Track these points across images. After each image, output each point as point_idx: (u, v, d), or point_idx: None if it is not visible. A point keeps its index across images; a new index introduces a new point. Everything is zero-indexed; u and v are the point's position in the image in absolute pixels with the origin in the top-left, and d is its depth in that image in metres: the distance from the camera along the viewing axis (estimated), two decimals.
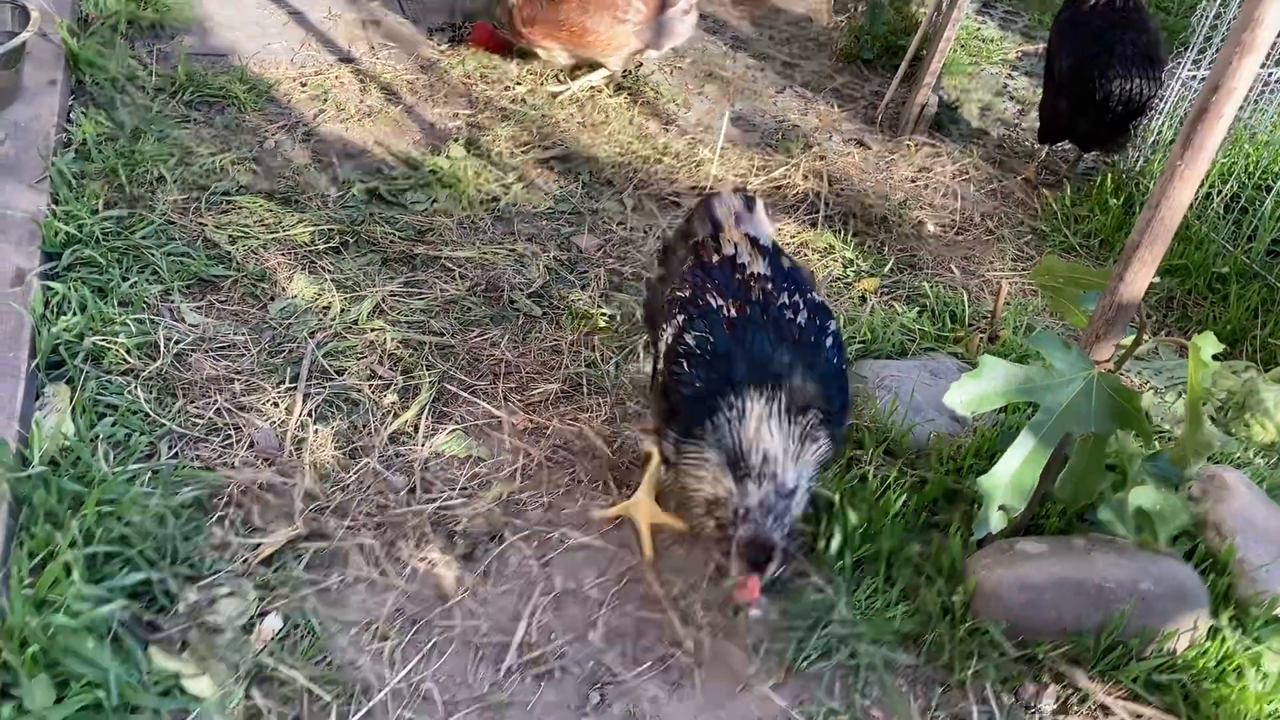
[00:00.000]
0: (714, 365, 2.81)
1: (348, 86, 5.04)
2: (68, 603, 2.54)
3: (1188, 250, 4.84)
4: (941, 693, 2.94)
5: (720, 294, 2.92)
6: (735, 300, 2.90)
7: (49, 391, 3.17)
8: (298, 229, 4.06)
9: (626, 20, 5.10)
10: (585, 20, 5.07)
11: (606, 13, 5.07)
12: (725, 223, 3.10)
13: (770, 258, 3.05)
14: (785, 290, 2.94)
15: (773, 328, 2.84)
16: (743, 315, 2.86)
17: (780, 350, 2.78)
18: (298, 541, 2.99)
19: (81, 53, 4.57)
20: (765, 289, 2.93)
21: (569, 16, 5.08)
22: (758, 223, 3.12)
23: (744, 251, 3.03)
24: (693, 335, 2.87)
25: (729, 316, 2.86)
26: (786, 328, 2.85)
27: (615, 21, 5.08)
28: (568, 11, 5.07)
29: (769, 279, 2.97)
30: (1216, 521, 3.37)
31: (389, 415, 3.42)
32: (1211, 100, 2.47)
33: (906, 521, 3.31)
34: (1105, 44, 4.95)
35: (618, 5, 5.06)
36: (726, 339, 2.83)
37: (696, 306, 2.93)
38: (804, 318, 2.90)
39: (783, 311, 2.88)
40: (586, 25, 5.08)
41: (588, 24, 5.08)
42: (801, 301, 2.93)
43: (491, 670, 2.80)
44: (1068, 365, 2.79)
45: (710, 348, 2.84)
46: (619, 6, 5.07)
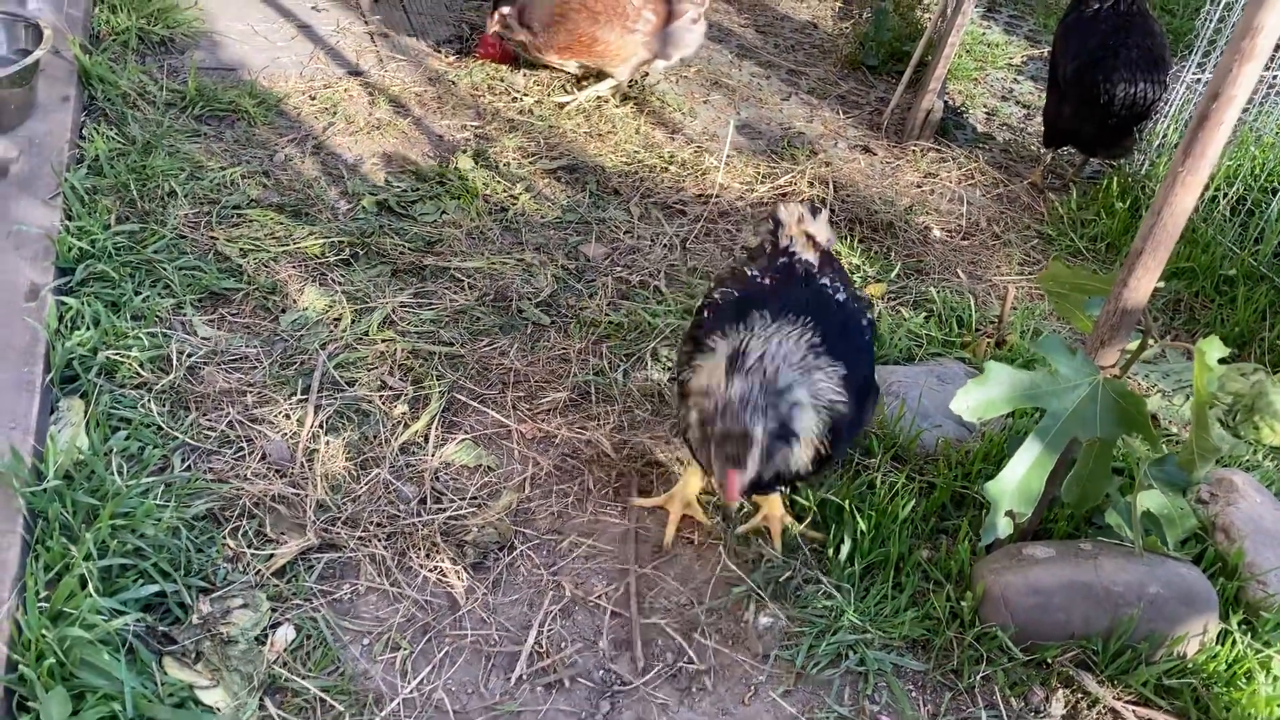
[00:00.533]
0: (739, 306, 2.87)
1: (356, 99, 5.08)
2: (83, 615, 2.57)
3: (1194, 253, 4.84)
4: (950, 698, 2.95)
5: (761, 270, 3.03)
6: (774, 275, 3.00)
7: (63, 406, 3.20)
8: (308, 241, 4.09)
9: (636, 30, 5.13)
10: (596, 30, 5.10)
11: (617, 22, 5.10)
12: (788, 221, 3.18)
13: (824, 254, 3.15)
14: (828, 276, 3.04)
15: (812, 296, 2.91)
16: (777, 284, 2.96)
17: (814, 308, 2.82)
18: (310, 552, 3.02)
19: (94, 69, 4.62)
20: (809, 270, 3.04)
21: (579, 26, 5.11)
22: (819, 225, 3.20)
23: (799, 243, 3.12)
24: (720, 292, 3.00)
25: (763, 284, 2.97)
26: (825, 299, 2.94)
27: (625, 31, 5.11)
28: (578, 22, 5.10)
29: (814, 265, 3.07)
30: (1226, 525, 3.37)
31: (399, 426, 3.44)
32: (1212, 108, 2.48)
33: (915, 527, 3.33)
34: (1110, 48, 4.95)
35: (628, 15, 5.09)
36: (757, 291, 2.93)
37: (733, 276, 3.08)
38: (842, 296, 3.00)
39: (823, 288, 2.98)
40: (597, 35, 5.11)
41: (598, 34, 5.11)
42: (843, 287, 3.04)
43: (503, 679, 2.82)
44: (1073, 371, 2.80)
45: (736, 297, 2.93)
46: (629, 16, 5.10)
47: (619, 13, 5.09)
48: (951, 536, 3.33)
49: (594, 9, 5.09)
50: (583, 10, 5.10)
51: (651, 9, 5.14)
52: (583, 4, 5.10)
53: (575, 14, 5.10)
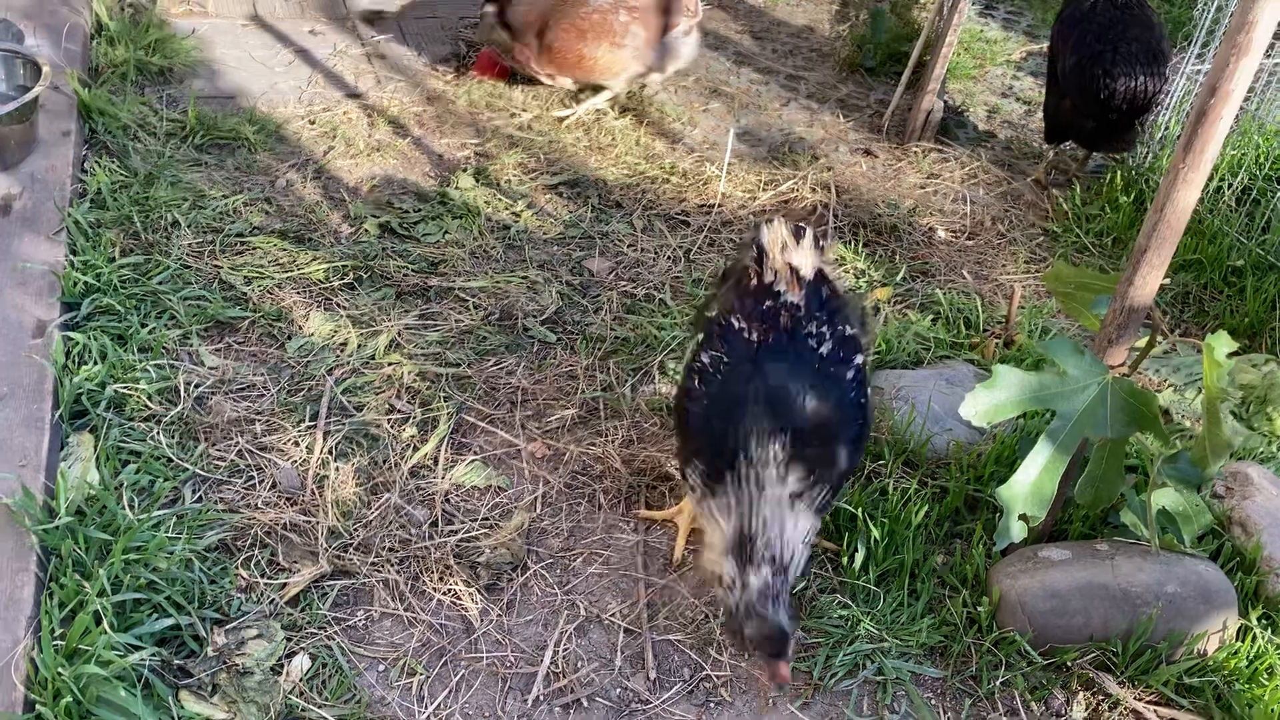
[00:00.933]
0: (724, 385, 2.83)
1: (355, 122, 5.09)
2: (98, 652, 2.57)
3: (1201, 245, 4.81)
4: (970, 705, 2.93)
5: (746, 318, 2.93)
6: (760, 325, 2.91)
7: (73, 441, 3.21)
8: (312, 267, 4.10)
9: (625, 45, 5.13)
10: (582, 48, 5.11)
11: (604, 39, 5.10)
12: (771, 250, 3.07)
13: (808, 288, 3.01)
14: (815, 320, 2.93)
15: (793, 354, 2.85)
16: (764, 341, 2.87)
17: (795, 379, 2.78)
18: (323, 580, 3.02)
19: (93, 102, 4.64)
20: (795, 317, 2.92)
21: (566, 44, 5.12)
22: (803, 253, 3.07)
23: (782, 280, 3.00)
24: (709, 354, 2.91)
25: (749, 339, 2.88)
26: (807, 356, 2.86)
27: (614, 47, 5.12)
28: (565, 40, 5.11)
29: (800, 308, 2.95)
30: (1242, 519, 3.35)
31: (408, 449, 3.44)
32: (1210, 103, 2.47)
33: (929, 533, 3.32)
34: (1108, 42, 4.93)
35: (614, 31, 5.10)
36: (743, 363, 2.84)
37: (719, 326, 2.97)
38: (827, 348, 2.89)
39: (806, 340, 2.88)
40: (584, 52, 5.12)
41: (584, 51, 5.12)
42: (829, 332, 2.92)
43: (520, 701, 2.82)
44: (1081, 371, 2.79)
45: (724, 368, 2.86)
46: (615, 33, 5.10)
47: (606, 29, 5.10)
48: (966, 541, 3.32)
49: (580, 27, 5.10)
50: (570, 29, 5.11)
51: (639, 24, 5.14)
52: (570, 23, 5.11)
53: (564, 32, 5.11)
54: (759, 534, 2.64)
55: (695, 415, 2.87)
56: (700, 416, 2.85)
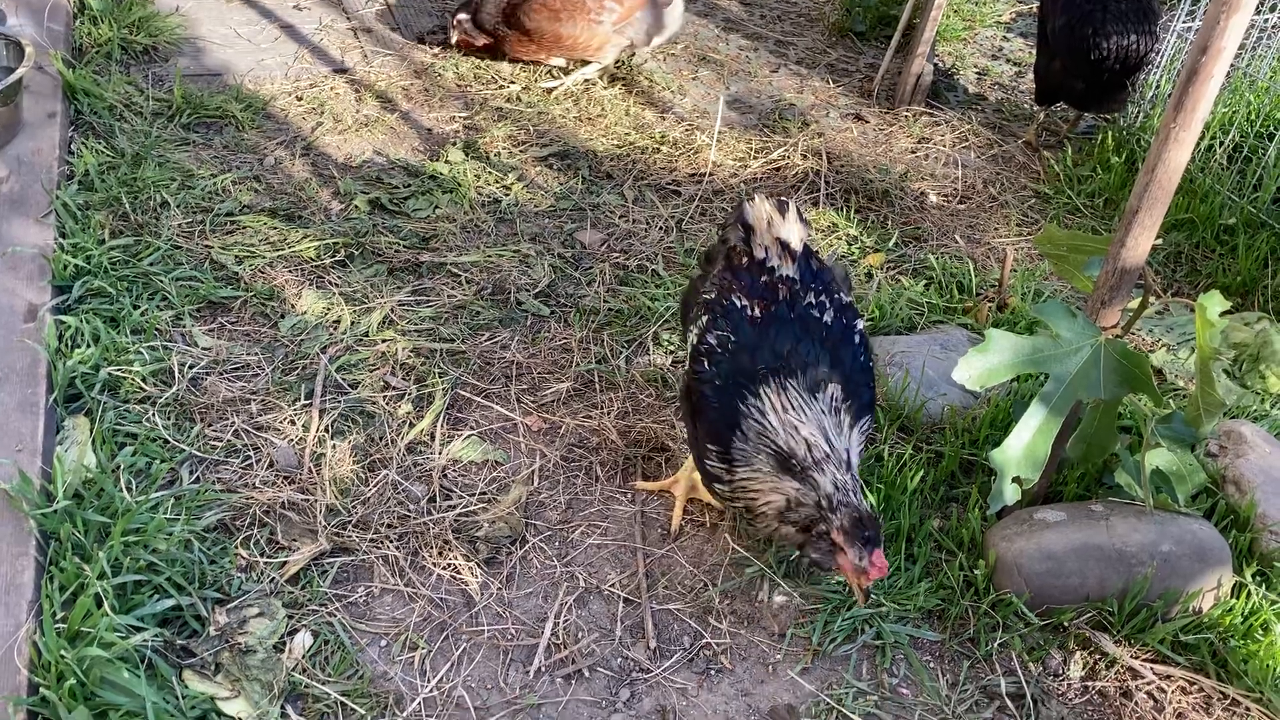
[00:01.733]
0: (735, 359, 2.82)
1: (343, 97, 5.06)
2: (101, 634, 2.58)
3: (1193, 204, 4.81)
4: (969, 666, 2.96)
5: (746, 295, 2.92)
6: (761, 300, 2.90)
7: (68, 425, 3.21)
8: (303, 244, 4.09)
9: (602, 21, 5.10)
10: (559, 28, 5.08)
11: (579, 17, 5.07)
12: (757, 226, 3.06)
13: (800, 260, 3.02)
14: (812, 291, 2.93)
15: (799, 324, 2.85)
16: (767, 313, 2.87)
17: (805, 343, 2.79)
18: (322, 557, 3.03)
19: (78, 83, 4.60)
20: (792, 289, 2.93)
21: (541, 26, 5.08)
22: (789, 226, 3.07)
23: (774, 255, 3.01)
24: (715, 334, 2.89)
25: (753, 315, 2.88)
26: (813, 325, 2.86)
27: (591, 24, 5.09)
28: (539, 22, 5.07)
29: (796, 281, 2.95)
30: (1235, 477, 3.37)
31: (405, 425, 3.45)
32: (1201, 61, 2.46)
33: (925, 497, 3.33)
34: (1099, 1, 4.90)
35: (589, 9, 5.07)
36: (750, 334, 2.84)
37: (721, 306, 2.94)
38: (830, 316, 2.89)
39: (809, 310, 2.88)
40: (561, 32, 5.09)
41: (562, 31, 5.09)
42: (829, 301, 2.93)
43: (522, 672, 2.84)
44: (1074, 333, 2.79)
45: (732, 345, 2.85)
46: (590, 10, 5.07)
47: (580, 7, 5.07)
48: (962, 505, 3.34)
49: (553, 7, 5.07)
50: (543, 10, 5.07)
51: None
52: (542, 4, 5.07)
53: (536, 14, 5.08)
54: (805, 446, 2.62)
55: (709, 397, 2.83)
56: (715, 395, 2.82)
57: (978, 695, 2.89)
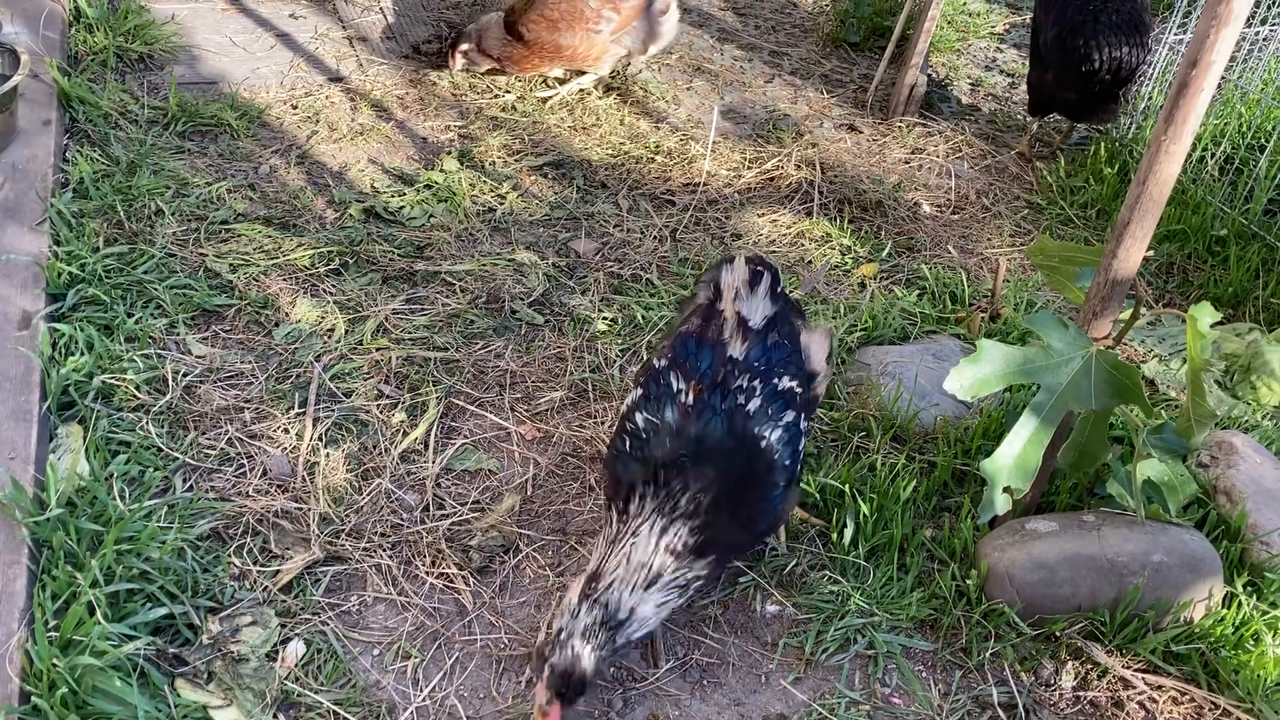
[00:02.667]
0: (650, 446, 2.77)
1: (338, 106, 5.07)
2: (93, 643, 2.58)
3: (1185, 215, 4.83)
4: (961, 676, 2.96)
5: (685, 376, 2.85)
6: (696, 384, 2.83)
7: (62, 433, 3.21)
8: (297, 253, 4.09)
9: (600, 31, 5.11)
10: (557, 38, 5.09)
11: (578, 26, 5.08)
12: (725, 294, 3.03)
13: (752, 338, 2.94)
14: (748, 374, 2.85)
15: (724, 414, 2.77)
16: (699, 398, 2.80)
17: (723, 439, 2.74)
18: (315, 566, 3.03)
19: (74, 90, 4.61)
20: (728, 373, 2.85)
21: (539, 37, 5.10)
22: (756, 302, 3.01)
23: (729, 332, 2.95)
24: (643, 415, 2.83)
25: (684, 404, 2.80)
26: (735, 416, 2.78)
27: (590, 33, 5.10)
28: (538, 33, 5.09)
29: (739, 362, 2.88)
30: (1227, 488, 3.38)
31: (398, 434, 3.45)
32: (1191, 75, 2.48)
33: (917, 507, 3.34)
34: (1090, 12, 4.93)
35: (588, 18, 5.08)
36: (675, 420, 2.78)
37: (658, 385, 2.87)
38: (756, 404, 2.81)
39: (737, 396, 2.80)
40: (560, 42, 5.10)
41: (560, 41, 5.10)
42: (762, 386, 2.84)
43: (514, 682, 2.84)
44: (1066, 344, 2.81)
45: (651, 434, 2.79)
46: (589, 19, 5.08)
47: (579, 17, 5.08)
48: (954, 514, 3.34)
49: (551, 18, 5.08)
50: (541, 21, 5.09)
51: (612, 8, 5.12)
52: (541, 15, 5.08)
53: (534, 25, 5.09)
54: (606, 570, 2.65)
55: (621, 475, 2.79)
56: (625, 476, 2.78)
57: (970, 705, 2.90)
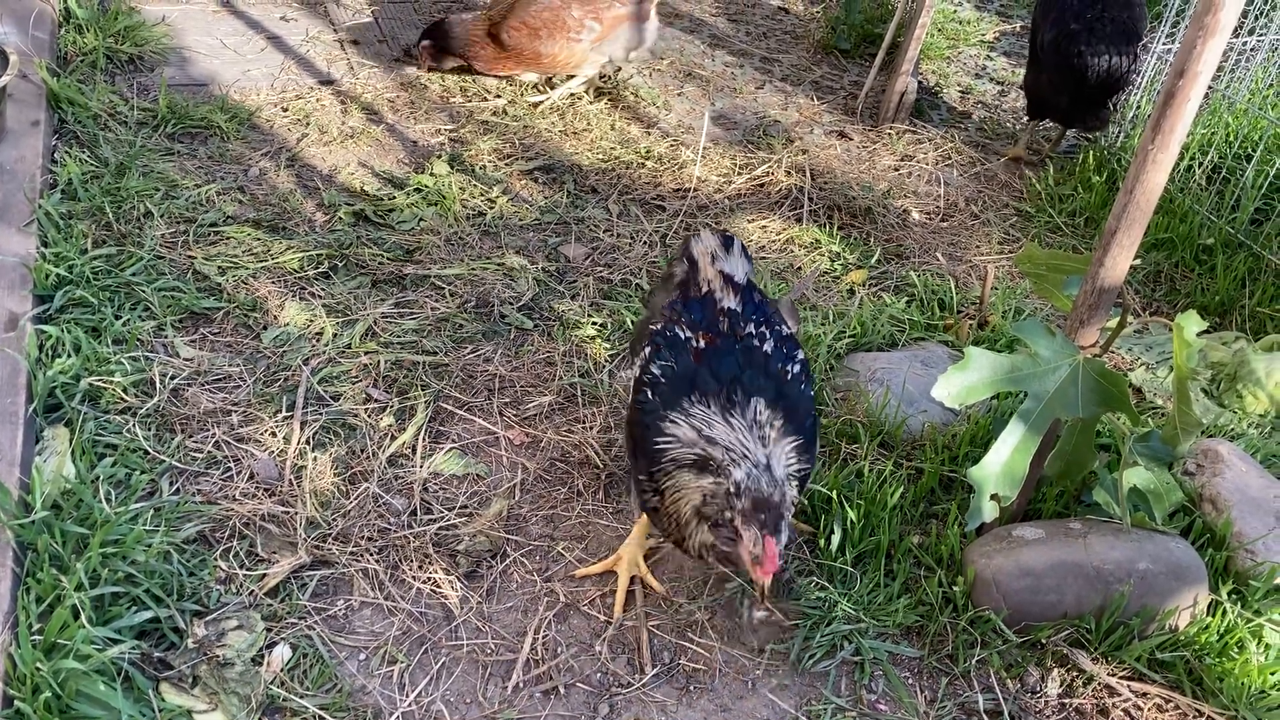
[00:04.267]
0: (675, 387, 2.79)
1: (329, 109, 5.06)
2: (77, 646, 2.57)
3: (1172, 224, 4.86)
4: (947, 683, 2.97)
5: (691, 327, 2.93)
6: (705, 333, 2.91)
7: (48, 435, 3.19)
8: (286, 256, 4.08)
9: (581, 40, 5.13)
10: (538, 46, 5.11)
11: (559, 35, 5.10)
12: (701, 261, 3.12)
13: (743, 293, 3.06)
14: (753, 322, 2.95)
15: (741, 354, 2.85)
16: (711, 345, 2.87)
17: (749, 372, 2.79)
18: (302, 570, 3.02)
19: (63, 91, 4.59)
20: (733, 321, 2.95)
21: (520, 44, 5.11)
22: (733, 260, 3.13)
23: (718, 288, 3.05)
24: (659, 365, 2.87)
25: (697, 347, 2.88)
26: (755, 355, 2.87)
27: (570, 42, 5.12)
28: (518, 39, 5.10)
29: (738, 313, 2.98)
30: (1212, 496, 3.39)
31: (386, 438, 3.44)
32: (1178, 85, 2.49)
33: (904, 513, 3.34)
34: (1085, 20, 4.96)
35: (569, 27, 5.10)
36: (691, 365, 2.83)
37: (665, 338, 2.94)
38: (770, 346, 2.90)
39: (749, 340, 2.90)
40: (539, 50, 5.12)
41: (540, 49, 5.12)
42: (769, 332, 2.94)
43: (500, 687, 2.83)
44: (1053, 352, 2.82)
45: (673, 374, 2.83)
46: (570, 29, 5.10)
47: (559, 25, 5.10)
48: (941, 521, 3.35)
49: (533, 25, 5.10)
50: (522, 28, 5.10)
51: (594, 18, 5.13)
52: (522, 22, 5.09)
53: (515, 32, 5.10)
54: (722, 450, 2.57)
55: (651, 426, 2.75)
56: (656, 423, 2.75)
57: (956, 712, 2.90)
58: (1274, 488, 3.42)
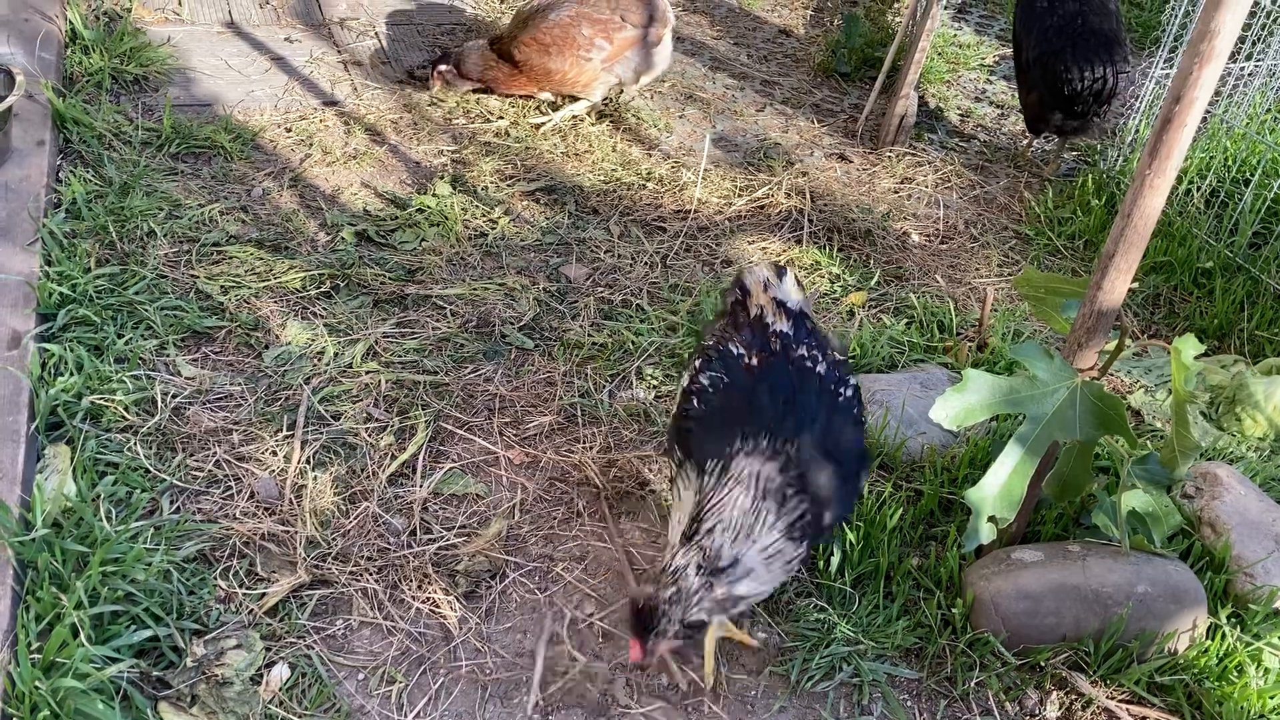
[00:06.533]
0: (727, 397, 2.83)
1: (332, 129, 5.09)
2: (76, 665, 2.57)
3: (1171, 247, 4.88)
4: (946, 706, 2.97)
5: (744, 345, 2.95)
6: (758, 351, 2.92)
7: (49, 453, 3.20)
8: (289, 275, 4.10)
9: (591, 58, 5.16)
10: (548, 62, 5.15)
11: (569, 52, 5.14)
12: (754, 289, 3.12)
13: (795, 318, 3.05)
14: (805, 344, 2.96)
15: (795, 373, 2.86)
16: (763, 363, 2.88)
17: (802, 395, 2.80)
18: (301, 589, 3.02)
19: (68, 111, 4.62)
20: (785, 342, 2.95)
21: (530, 60, 5.15)
22: (786, 287, 3.14)
23: (770, 312, 3.05)
24: (708, 375, 2.91)
25: (749, 363, 2.89)
26: (808, 375, 2.87)
27: (580, 60, 5.16)
28: (528, 55, 5.15)
29: (789, 335, 2.99)
30: (1211, 519, 3.40)
31: (386, 458, 3.45)
32: (1174, 110, 2.51)
33: (904, 536, 3.35)
34: (1069, 35, 5.03)
35: (578, 44, 5.13)
36: (744, 379, 2.85)
37: (717, 351, 2.97)
38: (824, 367, 2.91)
39: (802, 361, 2.90)
40: (550, 67, 5.16)
41: (550, 65, 5.16)
42: (821, 355, 2.95)
43: (499, 708, 2.83)
44: (1051, 375, 2.83)
45: (724, 385, 2.86)
46: (580, 45, 5.14)
47: (570, 43, 5.14)
48: (941, 543, 3.35)
49: (543, 42, 5.14)
50: (533, 44, 5.14)
51: (604, 37, 5.17)
52: (533, 38, 5.14)
53: (525, 48, 5.15)
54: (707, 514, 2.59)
55: (695, 433, 2.81)
56: (700, 430, 2.81)
57: None
58: (1273, 511, 3.42)
